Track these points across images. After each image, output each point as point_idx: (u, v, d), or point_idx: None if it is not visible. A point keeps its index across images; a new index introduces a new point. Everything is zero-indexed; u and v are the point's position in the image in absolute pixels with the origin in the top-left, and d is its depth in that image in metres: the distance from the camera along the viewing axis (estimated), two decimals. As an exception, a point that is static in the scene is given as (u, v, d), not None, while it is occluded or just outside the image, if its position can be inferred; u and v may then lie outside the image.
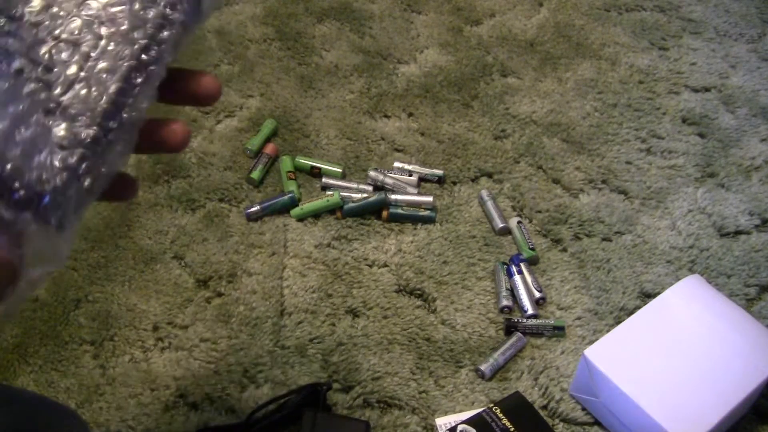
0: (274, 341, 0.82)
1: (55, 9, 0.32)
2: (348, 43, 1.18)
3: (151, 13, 0.33)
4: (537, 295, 0.86)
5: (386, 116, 1.07)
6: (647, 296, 0.88)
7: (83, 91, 0.32)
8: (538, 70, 1.16)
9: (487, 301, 0.87)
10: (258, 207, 0.93)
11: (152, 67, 0.33)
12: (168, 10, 0.33)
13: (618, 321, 0.85)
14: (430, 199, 0.95)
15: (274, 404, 0.74)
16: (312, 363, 0.80)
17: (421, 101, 1.09)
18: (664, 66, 1.17)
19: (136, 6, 0.33)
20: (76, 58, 0.32)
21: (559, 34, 1.22)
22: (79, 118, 0.32)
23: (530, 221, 0.95)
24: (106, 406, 0.76)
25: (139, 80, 0.33)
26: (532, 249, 0.90)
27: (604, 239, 0.94)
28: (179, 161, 0.99)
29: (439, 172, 0.99)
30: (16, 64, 0.31)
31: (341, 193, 0.95)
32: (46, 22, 0.32)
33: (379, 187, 0.97)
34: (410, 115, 1.08)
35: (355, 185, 0.97)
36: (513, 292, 0.87)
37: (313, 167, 0.99)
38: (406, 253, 0.91)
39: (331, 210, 0.94)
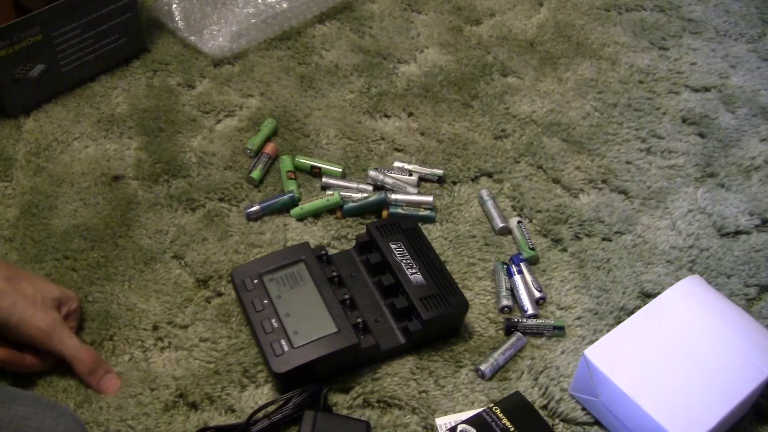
0: (274, 341, 0.82)
1: None
2: (348, 42, 1.18)
3: None
4: (537, 295, 0.86)
5: (386, 116, 1.07)
6: (647, 296, 0.88)
7: None
8: (538, 69, 1.16)
9: (487, 301, 0.87)
10: (258, 206, 0.93)
11: None
12: None
13: (618, 321, 0.85)
14: (430, 198, 0.95)
15: (274, 404, 0.74)
16: (312, 363, 0.80)
17: (421, 101, 1.09)
18: (664, 66, 1.17)
19: None
20: None
21: (559, 34, 1.22)
22: None
23: (530, 221, 0.95)
24: (105, 405, 0.75)
25: None
26: (532, 249, 0.90)
27: (604, 239, 0.94)
28: (179, 161, 0.99)
29: (439, 171, 0.99)
30: None
31: (341, 193, 0.95)
32: None
33: (379, 187, 0.97)
34: (410, 114, 1.08)
35: (355, 185, 0.97)
36: (513, 292, 0.87)
37: (313, 167, 0.99)
38: (406, 253, 0.90)
39: (331, 210, 0.94)
